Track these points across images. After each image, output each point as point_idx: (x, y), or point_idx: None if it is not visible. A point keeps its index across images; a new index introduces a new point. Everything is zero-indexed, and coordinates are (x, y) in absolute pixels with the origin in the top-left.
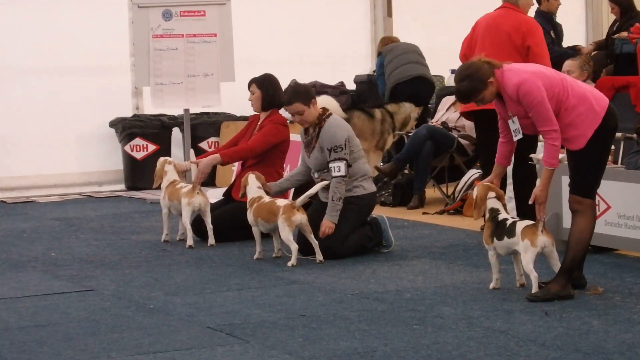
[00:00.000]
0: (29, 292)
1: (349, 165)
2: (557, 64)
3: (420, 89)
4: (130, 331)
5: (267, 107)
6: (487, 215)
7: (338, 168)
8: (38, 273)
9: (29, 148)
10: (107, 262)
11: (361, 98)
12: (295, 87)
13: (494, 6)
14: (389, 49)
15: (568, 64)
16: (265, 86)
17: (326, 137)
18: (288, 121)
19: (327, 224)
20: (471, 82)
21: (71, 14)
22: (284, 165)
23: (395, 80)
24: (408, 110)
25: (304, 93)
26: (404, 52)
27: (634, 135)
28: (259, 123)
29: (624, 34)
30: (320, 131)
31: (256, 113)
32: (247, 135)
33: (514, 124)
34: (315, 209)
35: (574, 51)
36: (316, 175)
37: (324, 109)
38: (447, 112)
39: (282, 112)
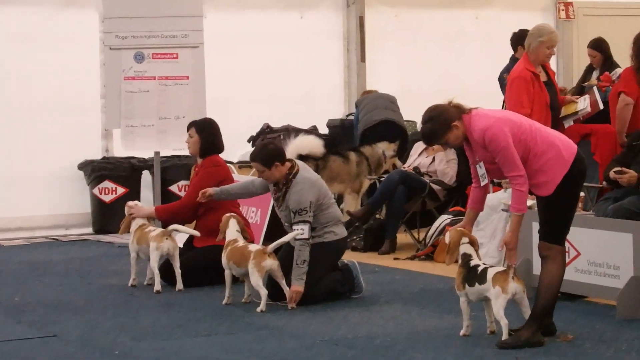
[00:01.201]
0: None
1: (312, 228)
2: None
3: (386, 132)
4: None
5: (204, 154)
6: (460, 261)
7: (302, 230)
8: (0, 318)
9: None
10: (72, 307)
11: (334, 142)
12: (262, 146)
13: (468, 54)
14: (361, 100)
15: None
16: (205, 132)
17: (292, 199)
18: None
19: (296, 290)
20: (434, 124)
21: (42, 53)
22: (242, 206)
23: (364, 125)
24: (381, 150)
25: (267, 156)
26: (373, 99)
27: (604, 184)
28: (195, 169)
29: (594, 82)
30: (287, 192)
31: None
32: (193, 180)
33: (481, 169)
34: (285, 255)
35: None
36: (286, 224)
37: (292, 167)
38: (420, 157)
39: None
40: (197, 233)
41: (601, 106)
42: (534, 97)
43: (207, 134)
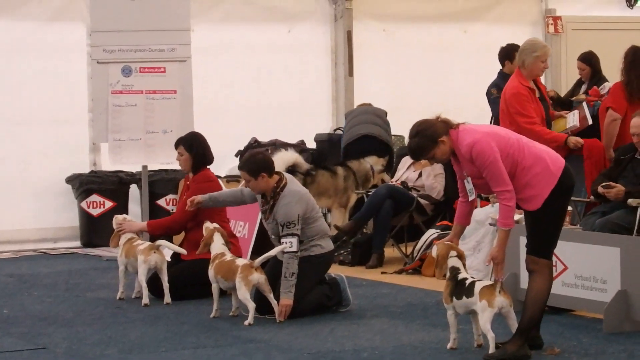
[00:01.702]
0: None
1: (300, 241)
2: None
3: (370, 147)
4: None
5: (196, 169)
6: (448, 274)
7: (290, 244)
8: None
9: None
10: (60, 320)
11: (322, 157)
12: (249, 156)
13: (456, 68)
14: (349, 112)
15: None
16: (193, 149)
17: (280, 212)
18: None
19: (285, 303)
20: (421, 139)
21: (30, 66)
22: (230, 220)
23: (346, 140)
24: (368, 165)
25: (253, 165)
26: (359, 114)
27: (591, 198)
28: (187, 183)
29: (582, 96)
30: (275, 204)
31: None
32: (181, 198)
33: (469, 184)
34: (272, 266)
35: None
36: (273, 236)
37: (280, 179)
38: (407, 171)
39: None
40: (183, 251)
41: (590, 121)
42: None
43: (197, 149)
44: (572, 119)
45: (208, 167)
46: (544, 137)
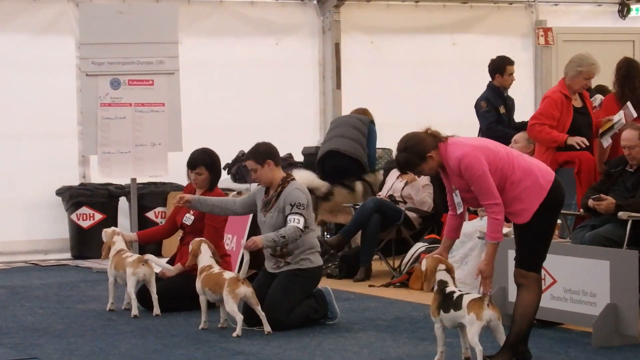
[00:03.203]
0: None
1: (290, 254)
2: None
3: (339, 161)
4: None
5: (212, 187)
6: (436, 288)
7: (297, 220)
8: None
9: None
10: (51, 331)
11: (310, 170)
12: (256, 145)
13: (445, 80)
14: (332, 122)
15: (517, 135)
16: (213, 168)
17: (290, 195)
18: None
19: (256, 240)
20: (409, 155)
21: (19, 80)
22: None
23: (318, 156)
24: (380, 176)
25: (260, 152)
26: (336, 127)
27: (581, 211)
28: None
29: None
30: (282, 192)
31: (189, 184)
32: (183, 211)
33: (457, 197)
34: (260, 280)
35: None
36: (268, 248)
37: (289, 174)
38: (395, 181)
39: None
40: (171, 268)
41: (634, 115)
42: (559, 117)
43: (216, 169)
44: (618, 116)
45: None
46: (544, 137)
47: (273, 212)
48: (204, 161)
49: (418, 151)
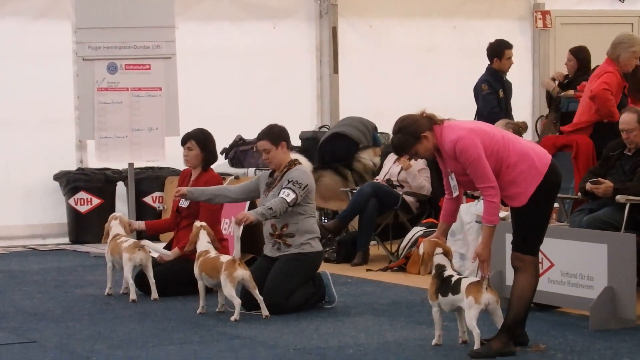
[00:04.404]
0: None
1: (292, 235)
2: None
3: (339, 146)
4: None
5: (206, 166)
6: (433, 272)
7: (287, 194)
8: None
9: None
10: (50, 315)
11: (307, 154)
12: (270, 126)
13: (444, 64)
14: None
15: (497, 122)
16: (204, 144)
17: (294, 174)
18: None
19: (246, 214)
20: (403, 135)
21: (15, 65)
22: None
23: (322, 140)
24: (369, 161)
25: (275, 133)
26: (343, 120)
27: (579, 195)
28: (192, 179)
29: (571, 92)
30: (287, 173)
31: (185, 169)
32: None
33: (452, 181)
34: (259, 264)
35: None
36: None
37: (295, 160)
38: (392, 166)
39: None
40: (168, 253)
41: None
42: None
43: (207, 146)
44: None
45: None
46: (609, 106)
47: (275, 191)
48: (194, 136)
49: (412, 131)
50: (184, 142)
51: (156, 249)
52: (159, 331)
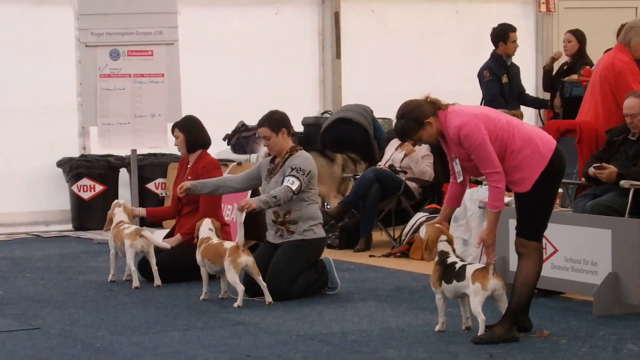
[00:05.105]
0: None
1: (295, 223)
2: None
3: (343, 132)
4: None
5: (192, 149)
6: (436, 258)
7: (292, 182)
8: None
9: None
10: (53, 302)
11: (309, 140)
12: (270, 112)
13: (442, 51)
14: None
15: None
16: (187, 129)
17: (295, 161)
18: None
19: (249, 200)
20: (406, 121)
21: (18, 52)
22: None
23: (323, 128)
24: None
25: (275, 120)
26: (343, 107)
27: (583, 180)
28: (189, 166)
29: (574, 77)
30: (288, 159)
31: (183, 157)
32: (179, 180)
33: (457, 166)
34: (262, 251)
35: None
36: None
37: (296, 146)
38: (394, 152)
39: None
40: (167, 246)
41: None
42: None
43: (190, 130)
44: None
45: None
46: (630, 81)
47: (278, 177)
48: (177, 123)
49: (415, 117)
50: (172, 132)
51: (155, 240)
52: (162, 317)
